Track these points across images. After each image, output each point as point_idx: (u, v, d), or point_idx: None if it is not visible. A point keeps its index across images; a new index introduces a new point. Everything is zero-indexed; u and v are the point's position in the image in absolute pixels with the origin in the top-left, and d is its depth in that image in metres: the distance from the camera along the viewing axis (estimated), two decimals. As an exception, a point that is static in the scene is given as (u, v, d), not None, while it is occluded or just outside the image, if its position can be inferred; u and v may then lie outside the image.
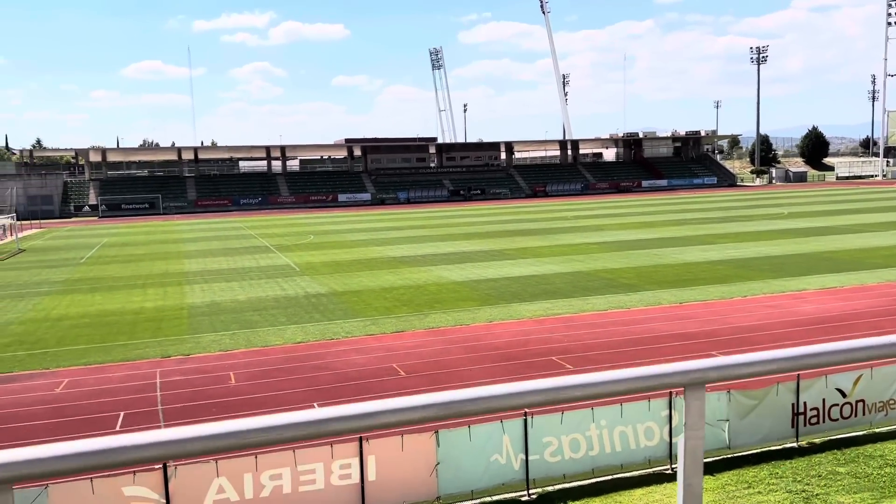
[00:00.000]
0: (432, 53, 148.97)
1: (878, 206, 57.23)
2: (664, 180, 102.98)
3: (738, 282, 25.52)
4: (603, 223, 50.71)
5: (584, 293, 24.42)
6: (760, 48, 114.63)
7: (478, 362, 16.39)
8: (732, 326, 18.96)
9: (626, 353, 16.70)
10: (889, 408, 11.67)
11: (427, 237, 44.96)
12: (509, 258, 33.93)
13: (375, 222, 59.03)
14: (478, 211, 69.62)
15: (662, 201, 74.56)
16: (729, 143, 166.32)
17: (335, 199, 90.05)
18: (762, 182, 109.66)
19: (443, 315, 21.58)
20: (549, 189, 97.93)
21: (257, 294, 26.01)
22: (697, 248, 35.29)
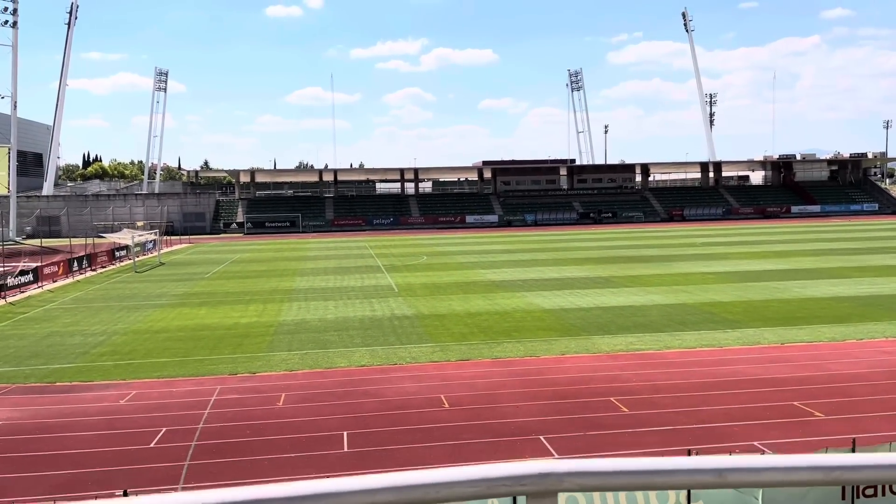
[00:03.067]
0: (571, 75, 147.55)
1: None
2: (817, 206, 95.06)
3: (859, 322, 22.77)
4: (731, 251, 47.42)
5: (678, 328, 22.77)
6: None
7: (529, 398, 15.63)
8: (830, 374, 16.85)
9: (693, 398, 15.26)
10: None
11: (537, 261, 44.11)
12: (613, 286, 32.46)
13: (491, 244, 58.85)
14: (603, 235, 67.56)
15: (808, 229, 68.74)
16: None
17: (462, 220, 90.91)
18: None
19: (516, 345, 20.89)
20: (687, 213, 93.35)
21: (346, 314, 26.53)
22: (826, 281, 32.00)
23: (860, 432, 12.87)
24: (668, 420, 13.88)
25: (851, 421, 13.52)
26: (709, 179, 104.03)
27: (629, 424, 13.72)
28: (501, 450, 12.58)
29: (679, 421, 13.81)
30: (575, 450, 12.48)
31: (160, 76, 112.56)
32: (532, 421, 14.07)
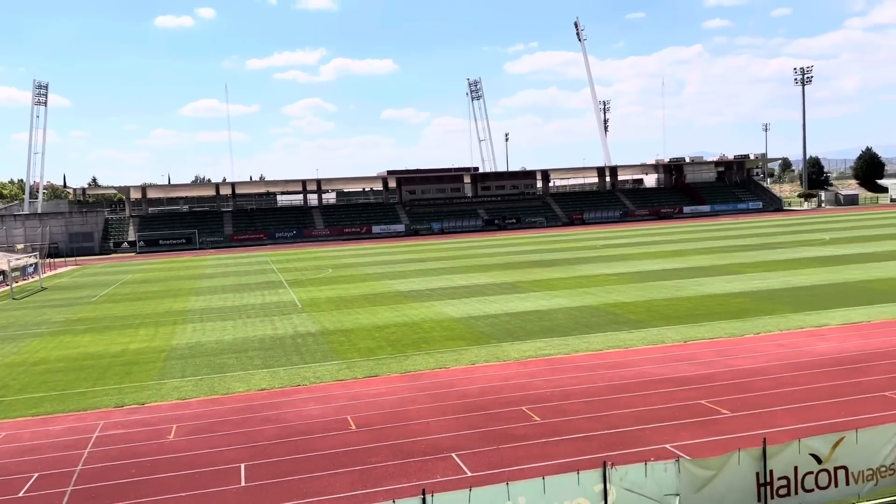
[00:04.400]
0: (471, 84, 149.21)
1: (930, 230, 53.75)
2: (707, 206, 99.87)
3: (755, 316, 23.54)
4: (630, 252, 48.74)
5: (585, 330, 22.82)
6: (805, 69, 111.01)
7: (440, 413, 15.04)
8: (733, 370, 17.16)
9: (603, 402, 15.12)
10: (880, 476, 9.90)
11: (444, 269, 43.79)
12: (520, 291, 32.47)
13: (399, 254, 58.19)
14: (508, 241, 68.20)
15: (700, 228, 71.90)
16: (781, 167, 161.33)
17: (369, 230, 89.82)
18: (811, 206, 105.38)
19: (425, 357, 20.29)
20: (587, 217, 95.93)
21: (245, 334, 25.17)
22: (722, 278, 33.20)
23: (766, 427, 13.03)
24: (579, 427, 13.62)
25: (757, 416, 13.68)
26: (606, 183, 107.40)
27: (542, 434, 13.36)
28: (412, 471, 11.92)
29: (591, 427, 13.57)
30: (488, 465, 11.97)
31: (39, 89, 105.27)
32: (443, 437, 13.49)
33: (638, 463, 9.12)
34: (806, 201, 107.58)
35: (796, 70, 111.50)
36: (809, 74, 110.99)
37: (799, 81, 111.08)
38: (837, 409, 13.77)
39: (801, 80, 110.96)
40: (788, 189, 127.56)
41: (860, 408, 13.77)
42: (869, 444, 9.86)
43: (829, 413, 13.59)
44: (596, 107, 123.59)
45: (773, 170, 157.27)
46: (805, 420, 13.28)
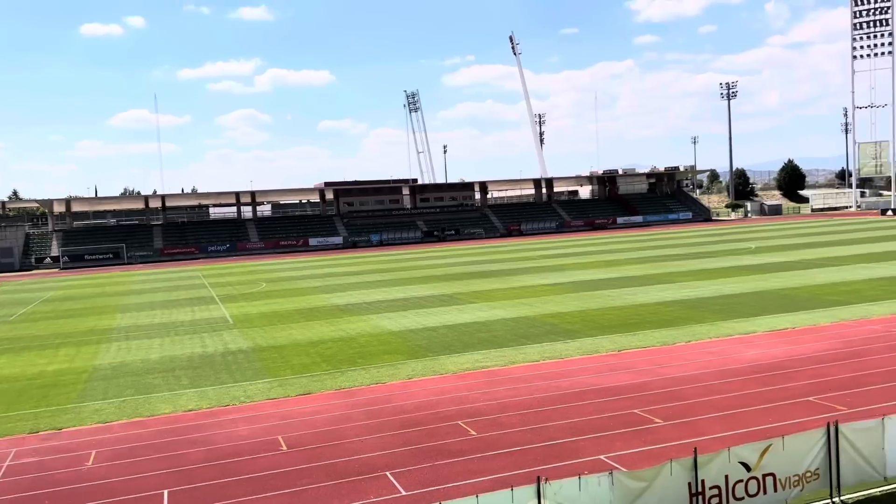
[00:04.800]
0: (409, 96, 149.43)
1: (846, 239, 56.35)
2: (639, 216, 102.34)
3: (686, 325, 24.04)
4: (566, 263, 49.38)
5: (522, 341, 22.85)
6: (730, 84, 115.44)
7: (375, 430, 14.71)
8: (665, 378, 17.40)
9: (539, 414, 15.07)
10: (805, 482, 10.09)
11: (383, 282, 43.40)
12: (459, 303, 32.39)
13: (336, 267, 57.46)
14: (447, 252, 68.25)
15: (633, 238, 73.56)
16: (709, 178, 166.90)
17: (306, 243, 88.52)
18: (738, 216, 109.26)
19: (361, 372, 19.92)
20: (524, 228, 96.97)
21: (173, 352, 24.24)
22: (654, 287, 33.90)
23: (697, 436, 13.19)
24: (516, 440, 13.52)
25: (688, 425, 13.86)
26: (542, 195, 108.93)
27: (478, 449, 13.19)
28: (345, 492, 11.56)
29: (527, 440, 13.49)
30: (423, 483, 11.72)
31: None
32: (378, 456, 13.17)
33: (572, 477, 9.03)
34: (733, 211, 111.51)
35: (722, 85, 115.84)
36: (734, 89, 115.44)
37: (724, 96, 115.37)
38: (765, 416, 14.07)
39: (727, 95, 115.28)
40: (716, 200, 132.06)
41: (786, 413, 14.11)
42: (795, 451, 10.05)
43: (758, 420, 13.87)
44: (531, 120, 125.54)
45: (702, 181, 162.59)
46: (734, 427, 13.51)
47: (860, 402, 14.52)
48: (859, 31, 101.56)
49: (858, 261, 39.75)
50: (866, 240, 53.68)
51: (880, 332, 20.94)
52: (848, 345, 19.64)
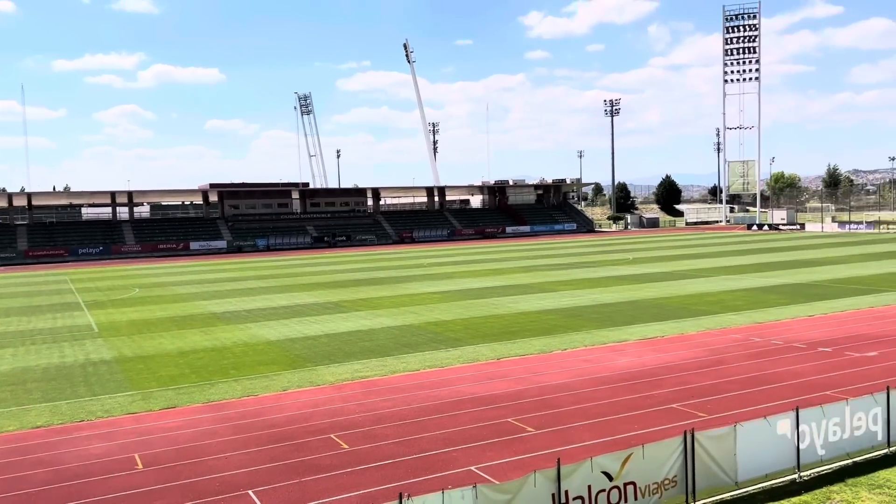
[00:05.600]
0: (300, 99, 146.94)
1: (714, 252, 59.93)
2: (527, 226, 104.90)
3: (563, 333, 24.61)
4: (455, 271, 49.72)
5: (404, 350, 22.62)
6: (613, 101, 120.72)
7: (241, 446, 14.00)
8: (540, 386, 17.64)
9: (414, 425, 14.86)
10: (664, 489, 10.37)
11: (266, 289, 42.04)
12: (343, 311, 31.78)
13: (217, 272, 55.24)
14: (336, 259, 67.19)
15: (520, 247, 75.24)
16: (593, 191, 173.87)
17: (187, 247, 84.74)
18: (618, 228, 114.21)
19: (233, 384, 19.03)
20: (416, 235, 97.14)
21: (27, 363, 22.32)
22: (536, 296, 34.62)
23: (567, 444, 13.37)
24: (388, 453, 13.23)
25: (558, 433, 14.04)
26: (434, 203, 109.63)
27: (348, 463, 12.80)
28: (202, 514, 10.86)
29: (400, 453, 13.22)
30: (287, 501, 11.20)
31: None
32: (241, 473, 12.50)
33: (437, 492, 8.83)
34: (614, 223, 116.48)
35: (606, 102, 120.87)
36: (617, 107, 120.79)
37: (608, 113, 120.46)
38: (631, 423, 14.48)
39: (611, 112, 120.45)
40: (600, 212, 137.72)
41: (651, 421, 14.58)
42: (654, 459, 10.30)
43: (624, 427, 14.24)
44: (425, 128, 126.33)
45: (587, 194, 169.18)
46: (602, 435, 13.81)
47: (719, 408, 15.22)
48: (730, 57, 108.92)
49: (724, 272, 42.28)
50: (732, 253, 57.31)
51: (740, 341, 22.20)
52: (711, 353, 20.68)
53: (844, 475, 11.42)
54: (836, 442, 11.75)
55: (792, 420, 11.32)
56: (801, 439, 11.38)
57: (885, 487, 10.92)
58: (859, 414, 11.95)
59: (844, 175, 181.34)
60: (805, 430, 11.43)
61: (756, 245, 65.64)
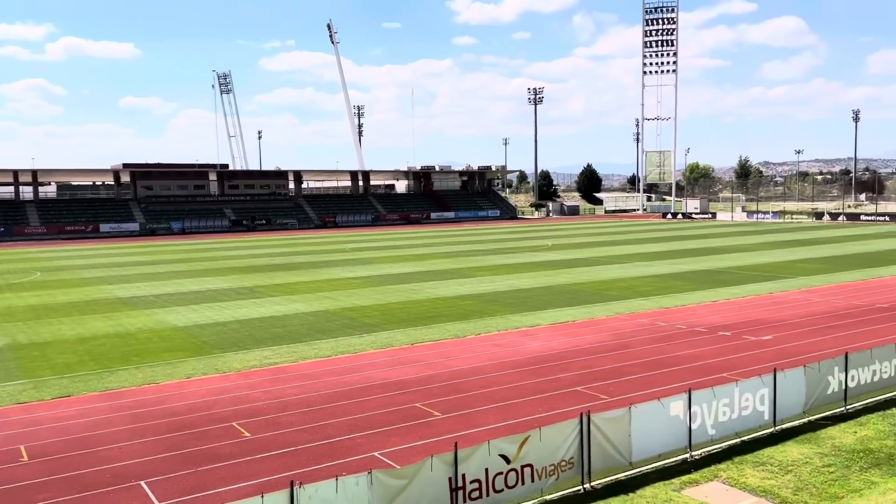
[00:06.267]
0: (219, 77, 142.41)
1: (630, 239, 61.69)
2: (452, 212, 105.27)
3: (479, 318, 24.79)
4: (377, 256, 49.40)
5: (316, 336, 22.29)
6: (537, 90, 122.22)
7: (138, 435, 13.46)
8: (451, 371, 17.70)
9: (320, 412, 14.65)
10: (560, 471, 10.56)
11: (177, 273, 40.66)
12: (257, 297, 31.06)
13: (127, 256, 53.09)
14: (255, 243, 65.65)
15: (444, 233, 75.46)
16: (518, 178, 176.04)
17: (96, 229, 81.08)
18: (541, 215, 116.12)
19: (134, 372, 18.29)
20: (340, 220, 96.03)
21: None
22: (455, 281, 34.77)
23: (472, 427, 13.46)
24: (291, 440, 12.98)
25: (464, 417, 14.11)
26: (359, 188, 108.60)
27: (249, 451, 12.49)
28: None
29: (303, 440, 13.00)
30: (181, 491, 10.84)
31: None
32: (135, 464, 12.02)
33: (329, 479, 8.69)
34: (536, 210, 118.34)
35: (530, 90, 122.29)
36: (541, 95, 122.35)
37: (532, 101, 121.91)
38: (536, 406, 14.70)
39: (534, 100, 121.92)
40: (523, 199, 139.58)
41: (556, 403, 14.84)
42: (552, 441, 10.46)
43: (529, 410, 14.45)
44: (349, 111, 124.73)
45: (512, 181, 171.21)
46: (507, 418, 13.96)
47: (621, 391, 15.64)
48: (649, 49, 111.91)
49: (637, 259, 43.57)
50: (646, 240, 59.14)
51: (646, 325, 22.90)
52: (618, 337, 21.24)
53: (732, 454, 11.92)
54: (725, 422, 12.25)
55: (685, 401, 11.71)
56: (693, 420, 11.80)
57: (768, 465, 11.45)
58: (747, 395, 12.48)
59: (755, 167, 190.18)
60: (697, 410, 11.86)
61: (669, 233, 67.97)
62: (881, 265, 38.05)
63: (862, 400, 14.39)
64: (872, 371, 14.64)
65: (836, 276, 33.71)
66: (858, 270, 35.86)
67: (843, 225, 77.61)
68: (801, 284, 31.31)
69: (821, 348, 19.05)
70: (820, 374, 13.58)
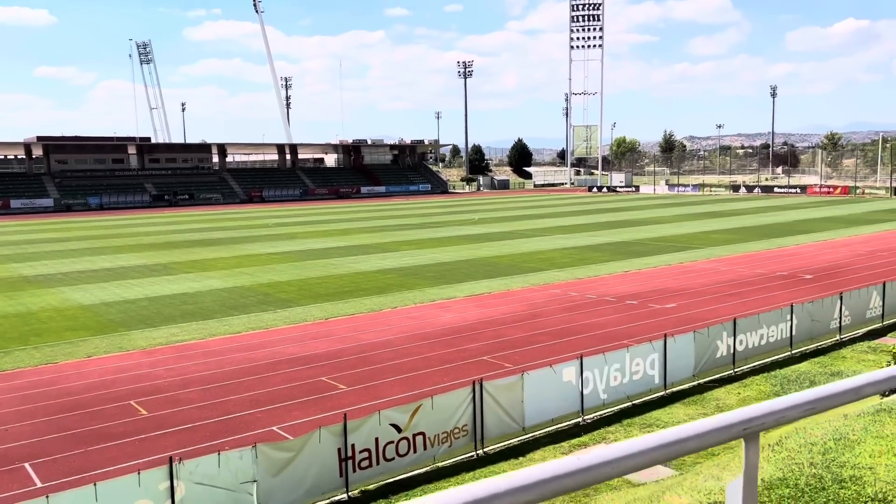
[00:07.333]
0: (139, 47, 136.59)
1: (554, 212, 62.72)
2: (382, 187, 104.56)
3: (397, 291, 24.84)
4: (300, 231, 48.72)
5: (229, 312, 21.90)
6: (466, 63, 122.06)
7: (28, 416, 13.00)
8: (361, 344, 17.72)
9: (224, 388, 14.46)
10: (454, 438, 10.77)
11: (90, 250, 39.16)
12: (171, 273, 30.24)
13: (38, 233, 50.78)
14: (175, 218, 63.74)
15: (373, 207, 75.00)
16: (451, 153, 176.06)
17: (6, 205, 77.12)
18: (471, 189, 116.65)
19: (31, 352, 17.61)
20: (266, 194, 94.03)
21: None
22: (378, 255, 34.68)
23: (375, 399, 13.54)
24: (189, 417, 12.79)
25: (369, 389, 14.19)
26: (286, 161, 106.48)
27: (143, 429, 12.24)
28: (-35, 492, 10.00)
29: (201, 416, 12.83)
30: (67, 472, 10.55)
31: None
32: (21, 445, 11.63)
33: (211, 454, 8.61)
34: (467, 185, 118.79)
35: (459, 63, 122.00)
36: (470, 69, 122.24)
37: (462, 74, 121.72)
38: (442, 376, 14.89)
39: (464, 74, 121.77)
40: (456, 173, 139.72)
41: (461, 373, 15.06)
42: (444, 409, 10.64)
43: (434, 380, 14.63)
44: (276, 83, 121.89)
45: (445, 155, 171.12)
46: (412, 388, 14.10)
47: (526, 359, 15.99)
48: (576, 24, 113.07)
49: (559, 232, 44.38)
50: (569, 213, 60.25)
51: (559, 295, 23.42)
52: (530, 307, 21.66)
53: (622, 417, 12.39)
54: (617, 386, 12.71)
55: (577, 367, 12.07)
56: (585, 385, 12.19)
57: (654, 426, 11.96)
58: (637, 360, 12.97)
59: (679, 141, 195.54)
60: (589, 376, 12.25)
61: (592, 206, 69.39)
62: (786, 235, 39.91)
63: (749, 363, 15.15)
64: (760, 335, 15.42)
65: (743, 246, 35.18)
66: (765, 240, 37.51)
67: (758, 197, 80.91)
68: (710, 254, 32.56)
69: (721, 314, 19.87)
70: (709, 338, 14.21)
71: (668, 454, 1.66)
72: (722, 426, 1.74)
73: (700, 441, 1.70)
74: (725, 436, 1.75)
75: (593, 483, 1.58)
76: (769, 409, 1.79)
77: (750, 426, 1.76)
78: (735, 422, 1.76)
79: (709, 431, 1.71)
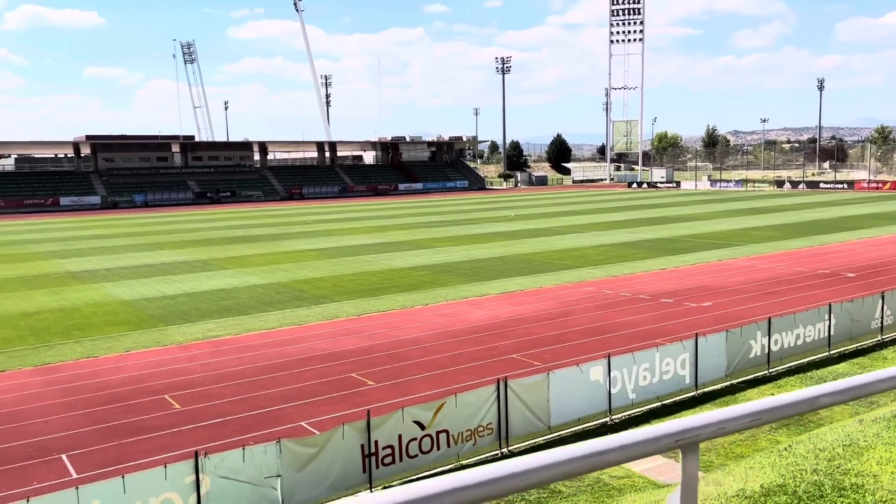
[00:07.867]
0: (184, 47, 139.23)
1: (592, 209, 62.11)
2: (420, 184, 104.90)
3: (430, 288, 24.92)
4: (339, 228, 49.19)
5: (264, 308, 22.25)
6: (504, 59, 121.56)
7: (67, 409, 13.42)
8: (392, 340, 17.83)
9: (255, 382, 14.71)
10: (478, 436, 10.77)
11: (133, 246, 40.16)
12: (210, 269, 30.84)
13: (85, 230, 52.25)
14: (217, 215, 64.94)
15: (409, 204, 75.29)
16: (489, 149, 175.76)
17: (56, 203, 79.52)
18: (509, 185, 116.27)
19: (73, 346, 18.14)
20: (306, 191, 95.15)
21: None
22: (412, 252, 34.82)
23: (403, 396, 13.62)
24: (221, 412, 13.04)
25: (397, 386, 14.27)
26: (325, 159, 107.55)
27: (177, 423, 12.53)
28: (6, 480, 10.36)
29: (232, 411, 13.07)
30: (102, 464, 10.86)
31: None
32: (59, 437, 12.01)
33: (236, 449, 8.77)
34: (505, 181, 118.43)
35: (498, 59, 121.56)
36: (509, 64, 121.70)
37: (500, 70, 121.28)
38: (469, 374, 14.90)
39: (502, 70, 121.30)
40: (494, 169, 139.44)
41: (490, 371, 15.04)
42: (468, 407, 10.65)
43: (462, 378, 14.64)
44: (316, 81, 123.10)
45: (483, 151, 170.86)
46: (440, 386, 14.13)
47: (556, 357, 15.89)
48: (616, 18, 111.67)
49: (596, 229, 43.95)
50: (608, 210, 59.60)
51: (592, 293, 23.21)
52: (562, 305, 21.51)
53: (651, 417, 12.23)
54: (646, 386, 12.55)
55: (604, 367, 11.96)
56: (613, 384, 12.07)
57: (683, 426, 11.77)
58: (668, 359, 12.78)
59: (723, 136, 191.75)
60: (617, 375, 12.13)
61: (632, 202, 68.52)
62: (829, 232, 38.86)
63: (785, 363, 14.82)
64: (796, 335, 15.06)
65: (784, 244, 34.36)
66: (807, 238, 36.59)
67: (802, 193, 78.92)
68: (750, 252, 31.89)
69: (758, 313, 19.44)
70: (742, 338, 13.94)
71: (593, 464, 1.64)
72: (654, 437, 1.72)
73: (627, 452, 1.68)
74: (656, 447, 1.73)
75: (511, 493, 1.58)
76: (707, 420, 1.76)
77: (683, 437, 1.72)
78: (669, 432, 1.73)
79: (640, 441, 1.69)
